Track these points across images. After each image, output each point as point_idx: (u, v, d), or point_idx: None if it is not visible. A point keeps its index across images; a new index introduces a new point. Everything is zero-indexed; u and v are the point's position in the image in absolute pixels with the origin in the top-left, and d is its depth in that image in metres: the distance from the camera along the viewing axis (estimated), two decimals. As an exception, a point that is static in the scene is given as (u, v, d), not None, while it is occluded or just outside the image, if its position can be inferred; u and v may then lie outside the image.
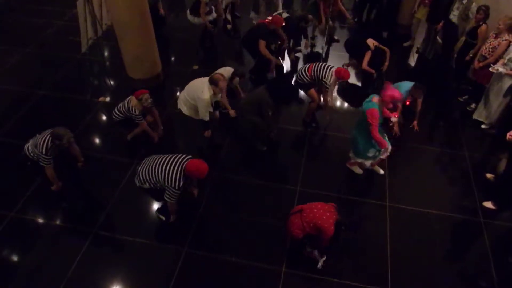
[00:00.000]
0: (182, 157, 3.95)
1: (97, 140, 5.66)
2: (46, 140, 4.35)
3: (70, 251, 4.18)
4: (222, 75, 4.97)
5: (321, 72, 5.39)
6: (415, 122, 5.50)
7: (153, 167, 3.94)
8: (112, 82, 6.80)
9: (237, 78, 5.62)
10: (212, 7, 7.30)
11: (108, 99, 6.29)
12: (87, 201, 4.80)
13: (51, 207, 4.64)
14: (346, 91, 6.53)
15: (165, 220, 4.43)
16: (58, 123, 4.59)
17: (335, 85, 5.66)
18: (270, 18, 6.39)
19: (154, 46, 6.39)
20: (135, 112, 4.92)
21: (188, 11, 7.33)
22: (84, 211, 4.64)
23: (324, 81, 5.36)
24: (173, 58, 7.43)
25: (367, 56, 6.27)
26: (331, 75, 5.32)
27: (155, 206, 4.61)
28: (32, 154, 4.52)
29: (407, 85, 5.16)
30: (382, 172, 5.02)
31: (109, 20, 7.12)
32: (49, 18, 8.44)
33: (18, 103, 6.10)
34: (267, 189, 4.87)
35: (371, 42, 6.27)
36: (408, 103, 5.30)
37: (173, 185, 3.84)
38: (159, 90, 6.41)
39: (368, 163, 4.75)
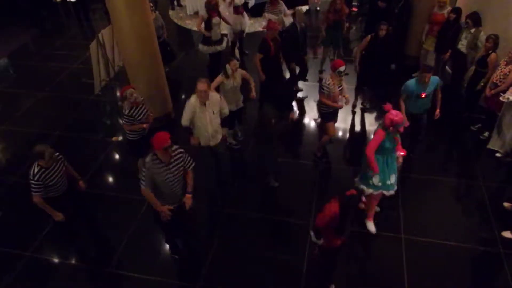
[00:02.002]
0: None
1: (110, 179, 6.01)
2: (33, 165, 4.19)
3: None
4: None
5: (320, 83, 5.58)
6: (437, 111, 5.58)
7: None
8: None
9: (234, 61, 5.51)
10: (225, 37, 7.65)
11: (120, 138, 6.70)
12: (101, 240, 5.07)
13: (66, 246, 4.92)
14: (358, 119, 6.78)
15: (178, 257, 4.64)
16: (73, 162, 4.89)
17: (336, 83, 5.43)
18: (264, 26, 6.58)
19: (165, 85, 6.86)
20: (124, 111, 5.07)
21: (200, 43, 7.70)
22: (99, 250, 4.92)
23: (322, 85, 5.42)
24: (183, 96, 7.88)
25: (365, 41, 6.44)
26: (325, 78, 5.43)
27: (168, 243, 4.86)
28: None
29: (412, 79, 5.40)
30: (374, 230, 4.91)
31: (121, 62, 7.67)
32: (63, 62, 9.12)
33: (34, 144, 6.52)
34: (278, 225, 5.06)
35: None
36: (423, 95, 5.35)
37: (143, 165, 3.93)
38: (171, 127, 6.79)
39: (368, 191, 4.68)
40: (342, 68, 5.28)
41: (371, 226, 4.92)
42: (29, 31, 10.70)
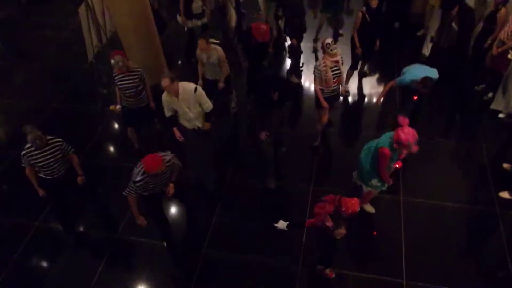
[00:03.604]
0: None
1: (111, 149, 6.29)
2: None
3: (94, 257, 4.83)
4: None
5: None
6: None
7: None
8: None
9: (201, 40, 5.55)
10: (204, 7, 7.36)
11: (118, 107, 6.85)
12: (107, 209, 5.40)
13: (72, 217, 5.23)
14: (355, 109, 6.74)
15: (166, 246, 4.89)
16: (71, 134, 5.13)
17: (329, 66, 5.17)
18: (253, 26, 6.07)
19: (160, 52, 6.94)
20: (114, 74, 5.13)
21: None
22: (106, 219, 5.29)
23: (314, 68, 5.27)
24: (179, 62, 8.00)
25: (358, 18, 6.15)
26: (321, 58, 5.22)
27: (171, 210, 5.21)
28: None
29: (417, 71, 5.12)
30: (373, 210, 5.00)
31: (112, 27, 7.66)
32: (53, 31, 9.14)
33: (31, 117, 6.74)
34: (273, 227, 4.76)
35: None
36: (415, 98, 5.44)
37: (133, 178, 4.07)
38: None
39: (367, 190, 4.69)
40: (328, 40, 5.09)
41: (369, 208, 5.01)
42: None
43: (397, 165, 4.48)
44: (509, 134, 5.95)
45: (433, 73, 5.11)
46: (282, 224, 4.04)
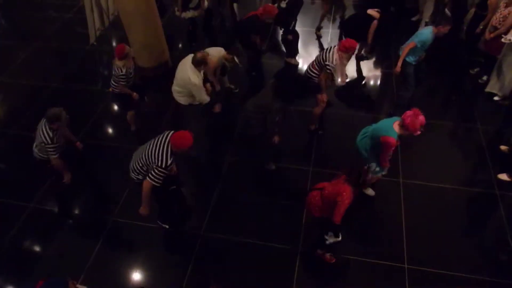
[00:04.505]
0: (166, 133, 3.62)
1: (110, 130, 5.63)
2: (45, 129, 4.02)
3: (90, 238, 4.22)
4: (206, 52, 4.50)
5: (322, 57, 4.78)
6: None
7: (141, 152, 3.67)
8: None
9: (232, 57, 4.96)
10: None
11: (119, 88, 6.22)
12: (103, 190, 4.80)
13: (69, 198, 4.65)
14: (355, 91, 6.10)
15: (168, 228, 4.26)
16: (70, 114, 4.50)
17: (343, 64, 4.83)
18: (261, 9, 5.71)
19: (161, 33, 6.26)
20: (119, 71, 4.59)
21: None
22: (102, 200, 4.66)
23: (327, 65, 4.70)
24: (180, 45, 7.29)
25: (373, 27, 5.62)
26: (332, 54, 4.68)
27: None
28: (40, 154, 4.28)
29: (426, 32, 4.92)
30: (373, 193, 4.49)
31: (115, 10, 7.02)
32: (57, 11, 8.31)
33: (31, 96, 6.09)
34: (273, 208, 4.47)
35: (372, 11, 5.66)
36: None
37: (160, 164, 3.46)
38: (169, 76, 6.29)
39: (368, 176, 4.12)
40: (355, 53, 4.75)
41: (369, 191, 4.49)
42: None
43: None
44: (504, 116, 5.38)
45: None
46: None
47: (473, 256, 3.94)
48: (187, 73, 4.43)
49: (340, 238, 3.64)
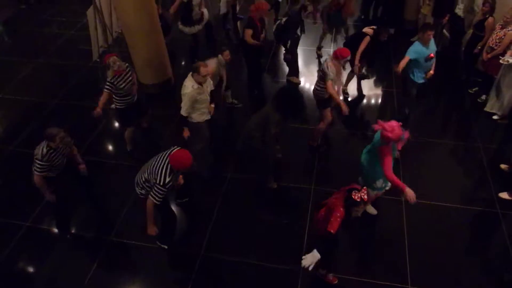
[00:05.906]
0: (169, 150, 3.62)
1: (110, 147, 5.62)
2: (42, 146, 3.97)
3: (87, 258, 4.15)
4: (204, 62, 4.49)
5: (320, 68, 4.85)
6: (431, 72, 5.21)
7: (147, 167, 3.69)
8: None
9: (227, 51, 5.06)
10: (202, 10, 6.76)
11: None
12: (101, 208, 4.75)
13: (65, 216, 4.59)
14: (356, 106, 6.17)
15: (167, 248, 4.18)
16: (71, 131, 4.51)
17: (340, 72, 4.92)
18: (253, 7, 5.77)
19: (164, 51, 6.34)
20: (108, 79, 4.56)
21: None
22: (100, 219, 4.61)
23: (326, 73, 4.68)
24: (183, 62, 7.36)
25: (364, 43, 5.54)
26: (326, 63, 4.71)
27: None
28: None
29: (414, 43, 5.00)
30: (375, 212, 4.46)
31: (119, 28, 7.11)
32: (61, 29, 8.45)
33: (32, 113, 6.10)
34: (275, 227, 4.43)
35: (367, 28, 5.65)
36: (432, 55, 4.99)
37: (159, 181, 3.46)
38: (171, 93, 6.36)
39: (373, 194, 4.14)
40: (348, 58, 4.71)
41: (371, 209, 4.45)
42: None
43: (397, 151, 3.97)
44: (504, 135, 5.44)
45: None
46: (311, 257, 3.20)
47: (476, 275, 3.90)
48: (185, 82, 4.47)
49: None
